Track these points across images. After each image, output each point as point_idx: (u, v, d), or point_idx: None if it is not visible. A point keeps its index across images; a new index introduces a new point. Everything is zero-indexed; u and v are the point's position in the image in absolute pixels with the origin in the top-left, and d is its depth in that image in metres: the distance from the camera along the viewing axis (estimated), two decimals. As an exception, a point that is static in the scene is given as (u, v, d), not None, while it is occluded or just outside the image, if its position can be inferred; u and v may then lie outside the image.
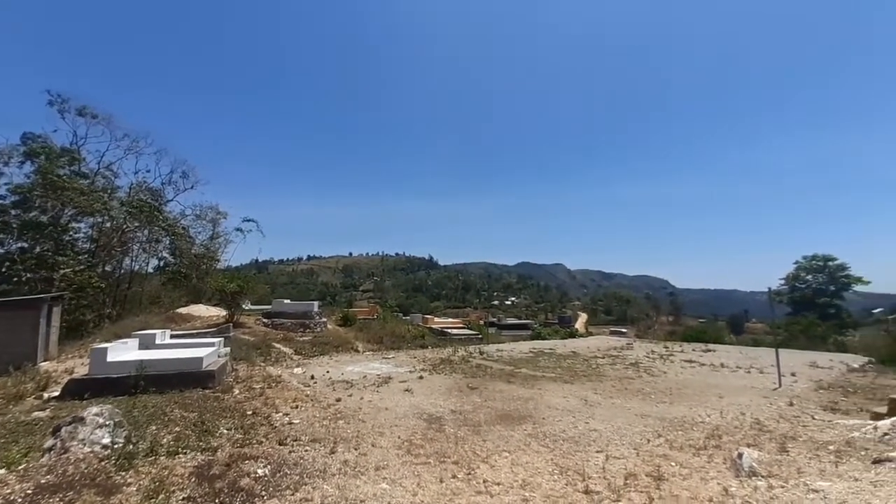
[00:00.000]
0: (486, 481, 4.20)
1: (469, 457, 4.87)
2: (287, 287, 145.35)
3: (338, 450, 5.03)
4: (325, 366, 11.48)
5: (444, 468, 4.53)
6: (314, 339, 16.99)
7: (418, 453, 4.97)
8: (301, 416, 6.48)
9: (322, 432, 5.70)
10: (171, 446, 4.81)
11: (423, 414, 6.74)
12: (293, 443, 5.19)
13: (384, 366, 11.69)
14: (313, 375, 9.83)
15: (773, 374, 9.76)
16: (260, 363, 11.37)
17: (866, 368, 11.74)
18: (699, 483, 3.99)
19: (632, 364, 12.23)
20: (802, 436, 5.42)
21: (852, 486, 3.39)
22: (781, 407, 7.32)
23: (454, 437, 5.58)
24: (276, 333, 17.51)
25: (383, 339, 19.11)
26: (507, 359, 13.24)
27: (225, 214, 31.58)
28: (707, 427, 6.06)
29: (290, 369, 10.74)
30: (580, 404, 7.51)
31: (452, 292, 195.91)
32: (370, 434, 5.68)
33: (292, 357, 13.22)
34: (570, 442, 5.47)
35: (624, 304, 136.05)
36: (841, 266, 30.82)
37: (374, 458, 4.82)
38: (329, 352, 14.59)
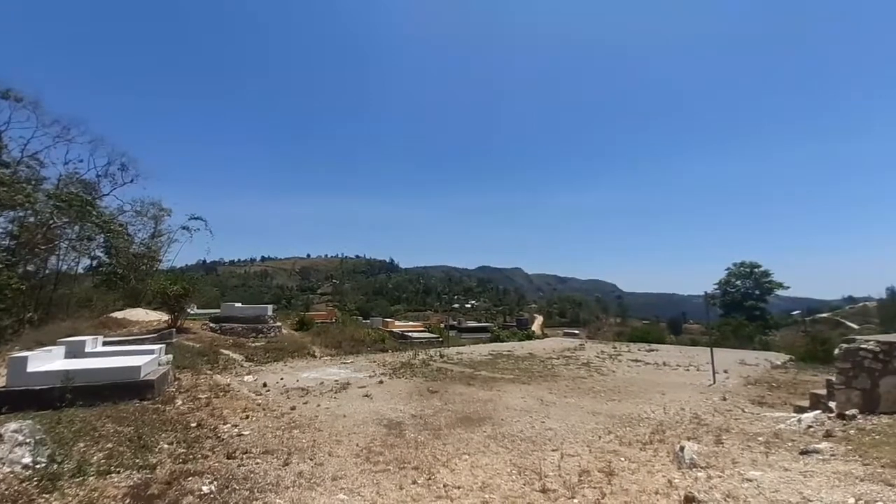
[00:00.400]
0: (447, 485, 4.19)
1: (429, 461, 4.85)
2: (238, 290, 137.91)
3: (292, 461, 4.81)
4: (279, 373, 10.99)
5: (404, 474, 4.47)
6: (267, 345, 16.21)
7: (377, 461, 4.87)
8: (252, 426, 6.15)
9: (275, 443, 5.43)
10: (101, 465, 4.37)
11: (382, 420, 6.63)
12: (243, 456, 4.91)
13: (343, 371, 11.38)
14: (266, 383, 9.37)
15: (709, 371, 10.59)
16: (206, 371, 10.67)
17: (787, 365, 13.04)
18: (646, 476, 4.23)
19: (584, 364, 12.77)
20: (735, 428, 5.91)
21: (783, 476, 3.73)
22: (716, 402, 7.95)
23: (414, 443, 5.53)
24: (225, 339, 16.53)
25: (342, 344, 18.61)
26: (467, 361, 13.35)
27: (169, 211, 29.28)
28: (652, 423, 6.45)
29: (241, 377, 10.17)
30: (537, 404, 7.73)
31: (413, 295, 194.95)
32: (327, 443, 5.50)
33: (243, 364, 12.52)
34: (528, 442, 5.60)
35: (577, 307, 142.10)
36: (765, 273, 34.21)
37: (331, 467, 4.66)
38: (284, 358, 13.98)
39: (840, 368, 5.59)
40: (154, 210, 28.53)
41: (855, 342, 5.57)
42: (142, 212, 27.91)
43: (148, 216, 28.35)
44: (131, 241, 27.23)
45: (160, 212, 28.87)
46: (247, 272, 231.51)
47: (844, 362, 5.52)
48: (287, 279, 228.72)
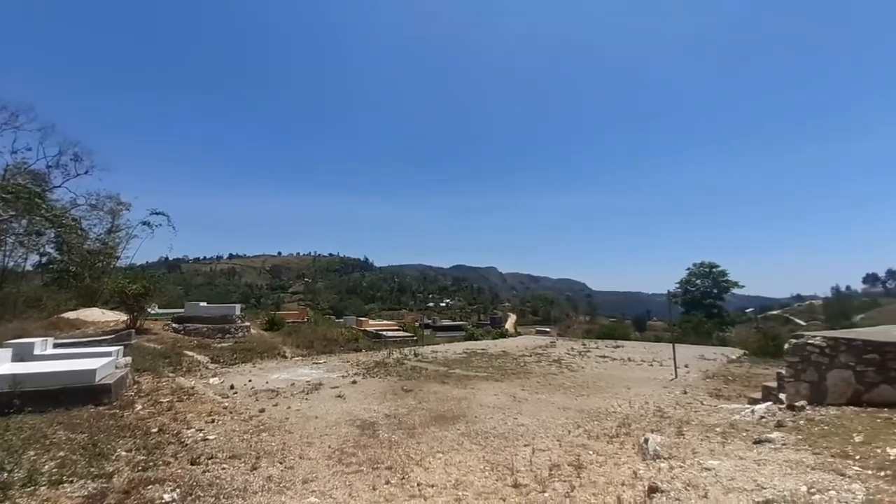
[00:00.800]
0: (420, 484, 4.20)
1: (403, 461, 4.84)
2: (203, 288, 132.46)
3: (261, 465, 4.68)
4: (247, 374, 10.65)
5: (378, 475, 4.44)
6: (235, 346, 15.65)
7: (350, 462, 4.81)
8: (218, 430, 5.93)
9: (242, 447, 5.27)
10: (54, 474, 4.10)
11: (355, 420, 6.55)
12: (208, 461, 4.73)
13: (314, 371, 11.16)
14: (233, 385, 9.06)
15: (671, 366, 11.09)
16: (168, 374, 10.19)
17: (742, 360, 13.82)
18: (613, 468, 4.39)
19: (555, 361, 13.07)
20: (695, 420, 6.22)
21: (739, 465, 3.95)
22: (678, 395, 8.34)
23: (388, 442, 5.50)
24: (188, 340, 15.83)
25: (314, 344, 18.22)
26: (441, 360, 13.39)
27: (128, 205, 27.61)
28: (619, 416, 6.69)
29: (206, 379, 9.78)
30: (509, 401, 7.85)
31: (388, 294, 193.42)
32: (297, 445, 5.38)
33: (208, 366, 12.04)
34: (501, 438, 5.69)
35: (548, 306, 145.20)
36: (722, 272, 36.16)
37: (302, 470, 4.57)
38: (252, 359, 13.54)
39: (790, 362, 5.98)
40: (111, 204, 26.85)
41: (803, 338, 5.97)
42: (97, 205, 26.19)
43: (104, 210, 26.65)
44: (85, 237, 25.56)
45: (118, 206, 27.21)
46: (213, 270, 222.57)
47: (793, 357, 5.92)
48: (256, 277, 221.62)
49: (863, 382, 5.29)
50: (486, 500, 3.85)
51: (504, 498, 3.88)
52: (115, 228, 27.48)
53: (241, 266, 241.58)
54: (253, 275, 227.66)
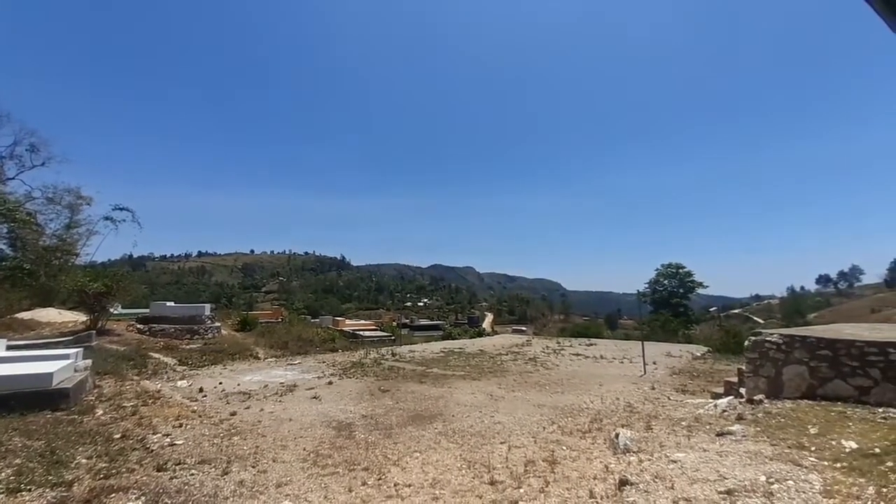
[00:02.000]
0: (397, 484, 4.19)
1: (380, 461, 4.82)
2: (171, 287, 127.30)
3: (232, 469, 4.55)
4: (217, 376, 10.31)
5: (354, 476, 4.41)
6: (204, 347, 15.13)
7: (326, 464, 4.75)
8: (186, 435, 5.73)
9: (213, 451, 5.11)
10: (10, 483, 3.86)
11: (331, 421, 6.47)
12: (175, 467, 4.56)
13: (289, 373, 10.92)
14: (202, 388, 8.75)
15: (640, 363, 11.50)
16: (133, 377, 9.74)
17: (706, 356, 14.47)
18: (586, 463, 4.52)
19: (531, 359, 13.30)
20: (662, 415, 6.47)
21: (703, 456, 4.14)
22: (646, 391, 8.65)
23: (364, 443, 5.46)
24: (154, 341, 15.20)
25: (288, 344, 17.82)
26: (419, 359, 13.37)
27: (89, 200, 26.05)
28: (591, 412, 6.88)
29: (173, 382, 9.41)
30: (486, 399, 7.94)
31: (365, 294, 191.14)
32: (271, 448, 5.27)
33: (176, 368, 11.58)
34: (478, 436, 5.74)
35: (524, 305, 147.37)
36: (688, 273, 37.77)
37: (276, 474, 4.47)
38: (223, 360, 13.12)
39: (749, 359, 6.31)
40: (70, 198, 25.29)
41: (761, 335, 6.32)
42: (55, 199, 24.62)
43: (63, 204, 25.07)
44: (41, 233, 24.03)
45: (78, 200, 25.66)
46: (181, 268, 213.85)
47: (752, 353, 6.25)
48: (228, 276, 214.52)
49: (816, 377, 5.64)
50: (462, 498, 3.88)
51: (480, 495, 3.92)
52: (74, 224, 25.93)
53: (211, 264, 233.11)
54: (224, 273, 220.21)
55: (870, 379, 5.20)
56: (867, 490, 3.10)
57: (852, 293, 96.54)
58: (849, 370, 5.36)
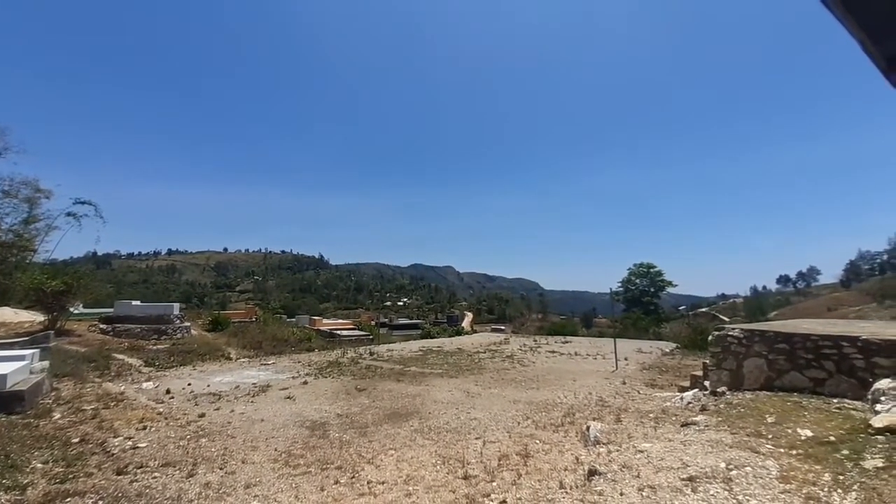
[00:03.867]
0: (371, 482, 4.17)
1: (354, 460, 4.77)
2: (138, 286, 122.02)
3: (198, 472, 4.41)
4: (186, 378, 9.97)
5: (326, 475, 4.35)
6: (172, 348, 14.57)
7: (297, 464, 4.67)
8: (150, 438, 5.51)
9: (178, 454, 4.93)
10: (-47, 491, 3.62)
11: (305, 421, 6.36)
12: (137, 470, 4.38)
13: (262, 373, 10.67)
14: (169, 389, 8.44)
15: (613, 359, 11.82)
16: (94, 379, 9.29)
17: (674, 352, 15.00)
18: (558, 456, 4.61)
19: (508, 357, 13.45)
20: (632, 408, 6.67)
21: (668, 446, 4.30)
22: (617, 385, 8.90)
23: (339, 442, 5.40)
24: (119, 342, 14.54)
25: (262, 344, 17.36)
26: (397, 358, 13.31)
27: (48, 193, 24.49)
28: (564, 407, 7.02)
29: (138, 384, 9.03)
30: (463, 396, 7.98)
31: (344, 293, 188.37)
32: (240, 450, 5.13)
33: (141, 370, 11.12)
34: (453, 432, 5.77)
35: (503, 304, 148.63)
36: (658, 272, 39.12)
37: (245, 475, 4.36)
38: (192, 361, 12.68)
39: (713, 353, 6.59)
40: (28, 191, 23.77)
41: (724, 330, 6.61)
42: (11, 192, 23.08)
43: (19, 198, 23.56)
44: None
45: (36, 193, 24.09)
46: (149, 267, 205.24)
47: (716, 347, 6.53)
48: (200, 275, 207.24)
49: (774, 370, 5.93)
50: (436, 493, 3.89)
51: (454, 490, 3.94)
52: (32, 219, 24.42)
53: (182, 263, 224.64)
54: (196, 272, 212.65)
55: (824, 371, 5.49)
56: (823, 476, 3.24)
57: (810, 292, 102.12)
58: (804, 363, 5.66)
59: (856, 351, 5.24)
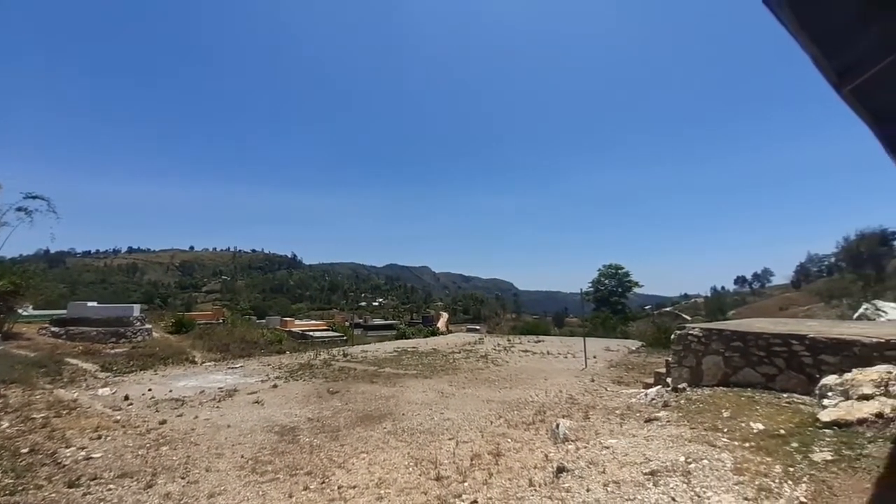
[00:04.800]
0: (341, 486, 4.11)
1: (324, 465, 4.70)
2: (96, 287, 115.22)
3: (157, 482, 4.22)
4: (146, 383, 9.50)
5: (296, 481, 4.26)
6: (132, 351, 13.88)
7: (265, 470, 4.55)
8: (105, 447, 5.23)
9: (136, 464, 4.70)
10: None
11: (274, 426, 6.19)
12: (90, 482, 4.15)
13: (229, 377, 10.31)
14: (128, 396, 8.03)
15: (582, 357, 12.15)
16: (45, 385, 8.71)
17: (640, 350, 15.59)
18: (528, 454, 4.70)
19: (482, 356, 13.58)
20: (599, 405, 6.88)
21: (632, 442, 4.45)
22: (586, 383, 9.15)
23: (309, 447, 5.29)
24: (72, 346, 13.72)
25: (230, 347, 16.79)
26: (371, 359, 13.17)
27: None
28: (536, 405, 7.16)
29: (93, 391, 8.54)
30: (437, 397, 7.99)
31: (318, 293, 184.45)
32: (204, 457, 4.95)
33: (96, 375, 10.51)
34: (427, 433, 5.77)
35: (478, 304, 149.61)
36: (626, 273, 40.57)
37: (208, 484, 4.21)
38: (154, 365, 12.10)
39: (674, 350, 6.89)
40: (-29, 185, 22.05)
41: (685, 329, 6.92)
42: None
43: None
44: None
45: (-19, 187, 22.44)
46: (108, 266, 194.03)
47: (678, 346, 6.83)
48: (163, 275, 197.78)
49: (730, 366, 6.26)
50: (408, 496, 3.89)
51: (426, 491, 3.95)
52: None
53: (143, 261, 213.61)
54: (159, 272, 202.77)
55: (775, 367, 5.83)
56: (774, 468, 3.42)
57: (764, 292, 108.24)
58: (757, 359, 6.00)
59: (804, 349, 5.59)
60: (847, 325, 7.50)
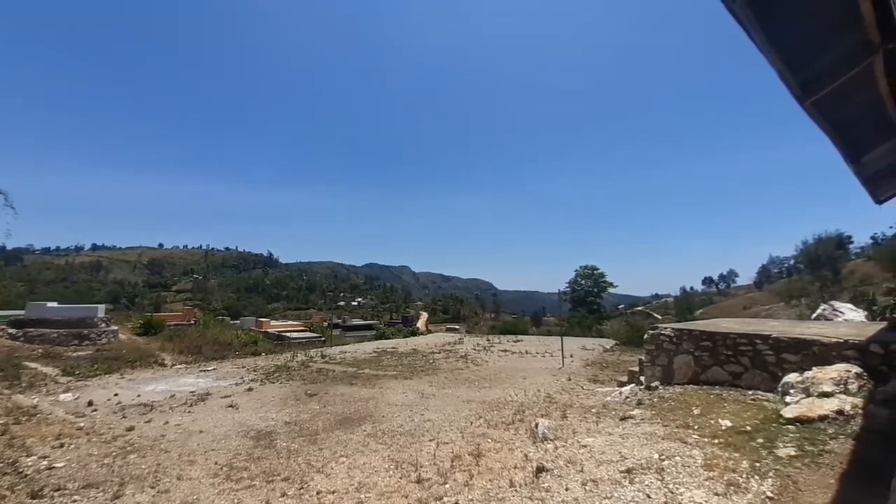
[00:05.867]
0: (320, 492, 4.05)
1: (303, 470, 4.61)
2: (57, 286, 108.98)
3: (125, 492, 4.05)
4: (112, 387, 9.09)
5: (272, 488, 4.17)
6: (97, 354, 13.24)
7: (240, 477, 4.43)
8: (69, 456, 4.97)
9: (102, 473, 4.50)
10: None
11: (249, 431, 6.04)
12: (54, 493, 3.95)
13: (201, 380, 9.98)
14: (92, 401, 7.66)
15: (559, 356, 12.38)
16: (2, 391, 8.20)
17: (614, 349, 16.00)
18: (508, 454, 4.75)
19: (462, 357, 13.64)
20: (576, 403, 7.03)
21: (608, 440, 4.58)
22: (564, 382, 9.33)
23: (286, 452, 5.19)
24: (31, 349, 12.98)
25: (202, 349, 16.25)
26: (350, 360, 13.02)
27: None
28: (515, 405, 7.24)
29: (54, 396, 8.11)
30: (417, 398, 7.97)
31: (295, 293, 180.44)
32: (175, 465, 4.77)
33: (58, 379, 9.97)
34: (407, 435, 5.75)
35: (458, 304, 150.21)
36: (601, 274, 41.69)
37: (180, 493, 4.07)
38: (120, 369, 11.58)
39: (647, 350, 7.12)
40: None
41: (657, 329, 7.17)
42: None
43: None
44: None
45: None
46: (70, 264, 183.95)
47: (650, 345, 7.07)
48: (130, 273, 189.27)
49: (700, 365, 6.52)
50: (388, 499, 3.87)
51: (406, 495, 3.94)
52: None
53: (108, 259, 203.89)
54: (125, 270, 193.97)
55: (741, 366, 6.11)
56: (742, 464, 3.57)
57: (730, 292, 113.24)
58: (724, 358, 6.27)
59: (767, 348, 5.88)
60: (807, 324, 7.92)
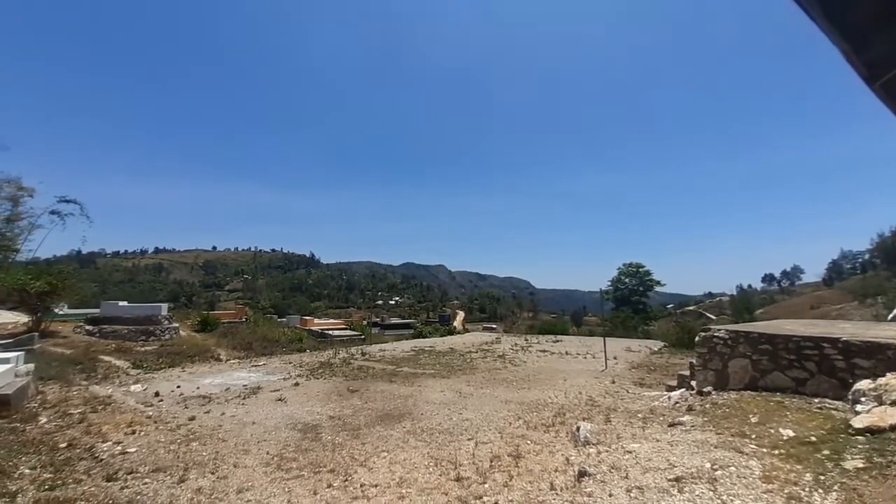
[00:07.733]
0: (364, 485, 4.19)
1: (347, 462, 4.79)
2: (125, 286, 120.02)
3: (189, 477, 4.39)
4: (175, 380, 9.86)
5: (319, 479, 4.36)
6: (161, 349, 14.39)
7: (290, 467, 4.67)
8: (140, 442, 5.46)
9: (169, 459, 4.90)
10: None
11: (297, 424, 6.34)
12: (127, 476, 4.35)
13: (253, 375, 10.59)
14: (158, 392, 8.35)
15: (602, 358, 11.97)
16: (80, 382, 9.15)
17: (662, 351, 15.23)
18: (548, 456, 4.68)
19: (499, 356, 13.54)
20: (621, 407, 6.78)
21: (655, 447, 4.39)
22: (607, 385, 9.02)
23: (331, 445, 5.41)
24: (105, 344, 14.31)
25: (253, 345, 17.23)
26: (389, 358, 13.31)
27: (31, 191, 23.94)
28: (555, 407, 7.10)
29: (126, 387, 8.91)
30: (455, 397, 8.02)
31: (335, 292, 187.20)
32: (232, 454, 5.11)
33: (129, 372, 10.96)
34: (445, 433, 5.81)
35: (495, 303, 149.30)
36: (647, 272, 39.67)
37: (237, 480, 4.35)
38: (181, 363, 12.54)
39: (699, 353, 6.73)
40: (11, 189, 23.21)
41: (710, 331, 6.75)
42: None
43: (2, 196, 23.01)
44: (-25, 227, 21.95)
45: (19, 191, 23.52)
46: (136, 266, 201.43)
47: (702, 348, 6.67)
48: (188, 274, 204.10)
49: (758, 370, 6.08)
50: (428, 496, 3.93)
51: (447, 492, 3.98)
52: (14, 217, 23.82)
53: (169, 261, 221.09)
54: (183, 271, 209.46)
55: (806, 371, 5.64)
56: (805, 476, 3.31)
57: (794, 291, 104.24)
58: (787, 363, 5.81)
59: (836, 352, 5.39)
60: (882, 326, 7.17)
